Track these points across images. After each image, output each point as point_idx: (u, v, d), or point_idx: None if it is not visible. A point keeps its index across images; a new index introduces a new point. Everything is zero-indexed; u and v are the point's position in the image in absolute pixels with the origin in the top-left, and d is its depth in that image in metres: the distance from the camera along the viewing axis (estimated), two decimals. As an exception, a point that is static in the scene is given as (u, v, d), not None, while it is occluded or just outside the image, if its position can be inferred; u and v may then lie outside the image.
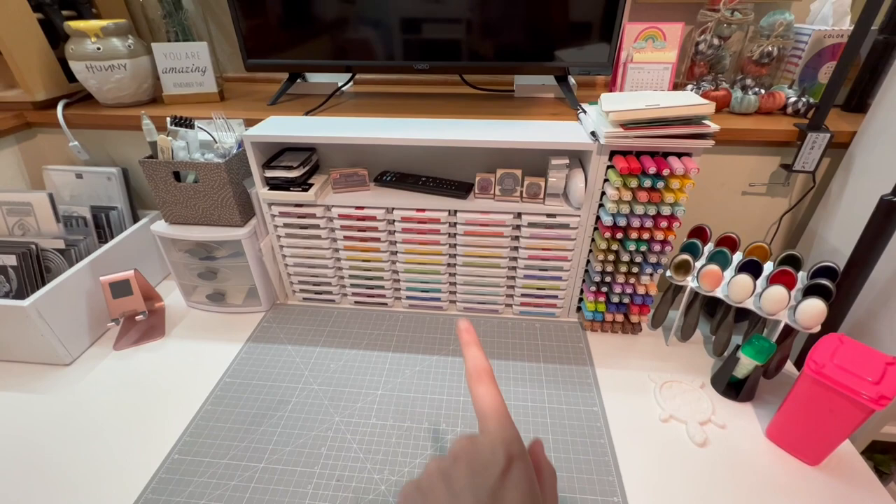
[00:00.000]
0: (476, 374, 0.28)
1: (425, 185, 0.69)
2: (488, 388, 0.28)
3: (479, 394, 0.27)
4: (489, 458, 0.25)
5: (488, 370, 0.29)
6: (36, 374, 0.66)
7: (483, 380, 0.28)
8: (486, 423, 0.26)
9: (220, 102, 0.84)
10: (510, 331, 0.74)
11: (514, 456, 0.25)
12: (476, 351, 0.29)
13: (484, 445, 0.25)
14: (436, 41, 0.77)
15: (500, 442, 0.25)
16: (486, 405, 0.27)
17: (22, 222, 0.73)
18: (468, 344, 0.30)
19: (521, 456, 0.25)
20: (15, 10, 0.72)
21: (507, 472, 0.24)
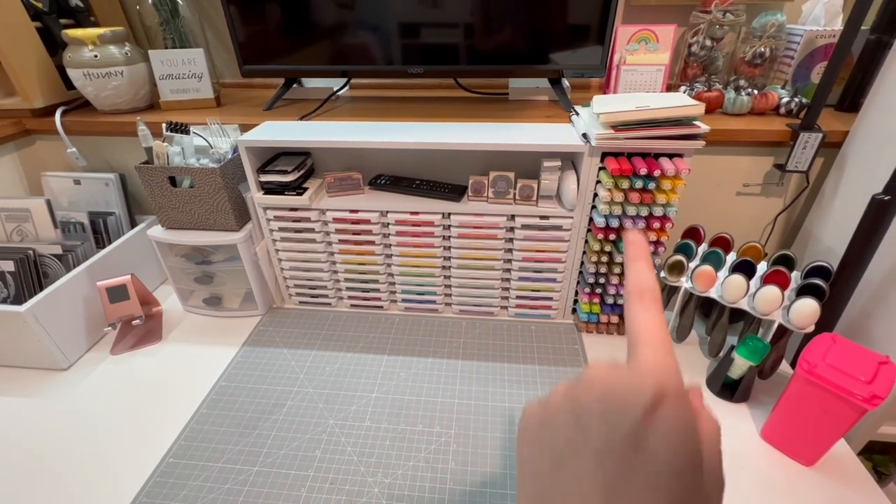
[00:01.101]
0: (637, 292, 0.23)
1: (419, 188, 0.69)
2: (648, 309, 0.22)
3: (634, 315, 0.22)
4: (632, 390, 0.19)
5: (653, 290, 0.23)
6: (33, 379, 0.67)
7: (644, 299, 0.23)
8: (637, 348, 0.21)
9: (217, 108, 0.85)
10: (505, 333, 0.74)
11: (666, 392, 0.19)
12: (643, 266, 0.24)
13: (628, 375, 0.20)
14: (430, 45, 0.77)
15: (651, 373, 0.20)
16: (640, 327, 0.22)
17: (20, 228, 0.74)
18: (635, 259, 0.24)
19: (679, 395, 0.19)
20: (13, 20, 0.73)
21: (655, 412, 0.19)
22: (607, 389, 0.20)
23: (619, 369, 0.20)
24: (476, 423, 0.59)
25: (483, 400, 0.62)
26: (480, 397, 0.62)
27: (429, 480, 0.52)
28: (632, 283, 0.23)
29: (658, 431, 0.18)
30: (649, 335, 0.21)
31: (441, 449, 0.56)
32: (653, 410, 0.19)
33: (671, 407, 0.19)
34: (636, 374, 0.20)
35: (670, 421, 0.19)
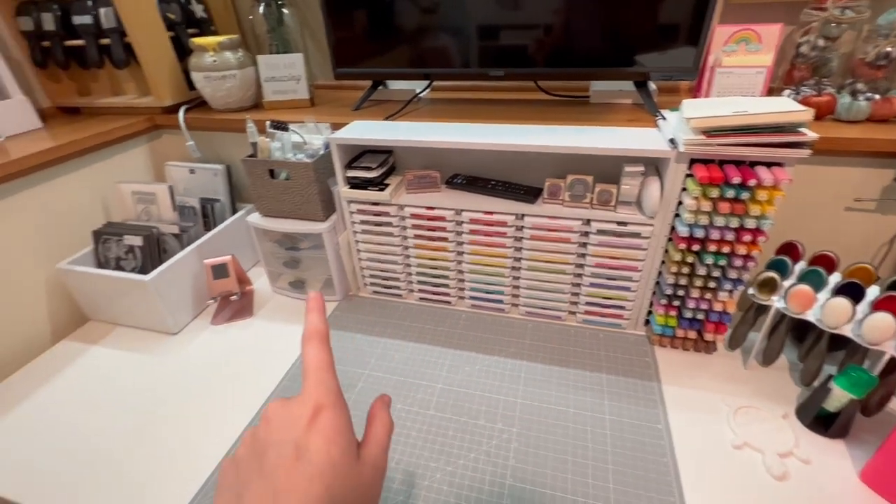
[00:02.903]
0: (307, 335, 0.28)
1: (494, 188, 0.71)
2: (315, 348, 0.27)
3: (305, 352, 0.27)
4: (297, 411, 0.24)
5: (321, 332, 0.28)
6: (150, 339, 0.77)
7: (312, 340, 0.28)
8: (305, 379, 0.26)
9: (311, 108, 0.92)
10: (572, 338, 0.73)
11: (322, 405, 0.25)
12: (316, 315, 0.29)
13: (296, 401, 0.25)
14: (511, 48, 0.78)
15: (311, 394, 0.25)
16: (308, 361, 0.27)
17: (147, 209, 0.86)
18: (311, 310, 0.29)
19: (333, 404, 0.25)
20: (154, 31, 0.85)
21: (314, 422, 0.24)
22: (279, 418, 0.25)
23: (290, 399, 0.26)
24: (539, 426, 0.59)
25: (546, 403, 0.62)
26: (544, 400, 0.62)
27: (489, 474, 0.53)
28: (306, 329, 0.28)
29: (317, 435, 0.23)
30: (314, 365, 0.26)
31: (502, 445, 0.57)
32: (313, 421, 0.24)
33: (327, 415, 0.24)
34: (301, 399, 0.25)
35: (326, 425, 0.24)
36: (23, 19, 0.88)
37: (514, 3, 0.76)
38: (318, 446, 0.23)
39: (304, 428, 0.24)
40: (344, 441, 0.24)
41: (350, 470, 0.24)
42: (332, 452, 0.23)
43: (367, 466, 0.26)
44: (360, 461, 0.25)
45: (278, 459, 0.23)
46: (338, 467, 0.23)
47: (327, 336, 0.28)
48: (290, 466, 0.22)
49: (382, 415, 0.30)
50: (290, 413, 0.25)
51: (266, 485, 0.22)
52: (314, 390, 0.25)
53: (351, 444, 0.25)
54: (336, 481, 0.23)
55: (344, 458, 0.24)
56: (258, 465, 0.23)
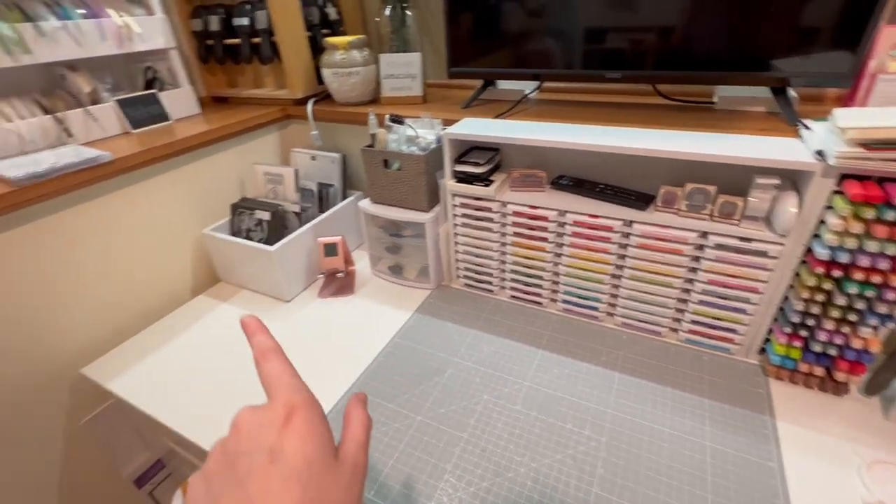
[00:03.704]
0: (261, 355, 0.27)
1: (602, 192, 0.69)
2: (272, 361, 0.27)
3: (265, 370, 0.27)
4: (268, 417, 0.24)
5: (275, 347, 0.28)
6: (269, 304, 0.87)
7: (268, 356, 0.27)
8: (272, 390, 0.25)
9: (423, 104, 0.97)
10: (671, 357, 0.69)
11: (294, 406, 0.24)
12: (262, 336, 0.29)
13: (266, 407, 0.25)
14: (628, 49, 0.76)
15: (281, 398, 0.24)
16: (271, 375, 0.26)
17: (274, 189, 0.97)
18: (254, 333, 0.29)
19: (305, 404, 0.24)
20: (296, 32, 0.96)
21: (287, 423, 0.23)
22: (250, 425, 0.24)
23: (260, 407, 0.25)
24: (630, 440, 0.57)
25: (640, 418, 0.59)
26: (637, 415, 0.60)
27: (574, 478, 0.53)
28: (257, 351, 0.28)
29: (291, 435, 0.23)
30: (278, 375, 0.26)
31: (590, 453, 0.55)
32: (287, 422, 0.23)
33: (300, 415, 0.24)
34: (272, 404, 0.24)
35: (300, 424, 0.23)
36: (194, 21, 1.04)
37: (629, 3, 0.73)
38: (292, 447, 0.23)
39: (277, 431, 0.23)
40: (319, 439, 0.24)
41: (327, 469, 0.23)
42: (307, 451, 0.23)
43: (346, 465, 0.25)
44: (338, 460, 0.25)
45: (251, 466, 0.22)
46: (314, 466, 0.23)
47: (281, 350, 0.28)
48: (264, 472, 0.22)
49: (358, 412, 0.29)
50: (261, 419, 0.24)
51: (239, 494, 0.21)
52: (284, 394, 0.25)
53: (327, 442, 0.24)
54: (313, 481, 0.22)
55: (320, 457, 0.23)
56: (230, 475, 0.22)
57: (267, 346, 0.28)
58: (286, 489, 0.21)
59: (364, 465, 0.26)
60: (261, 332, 0.29)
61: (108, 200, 0.78)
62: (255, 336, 0.29)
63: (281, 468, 0.22)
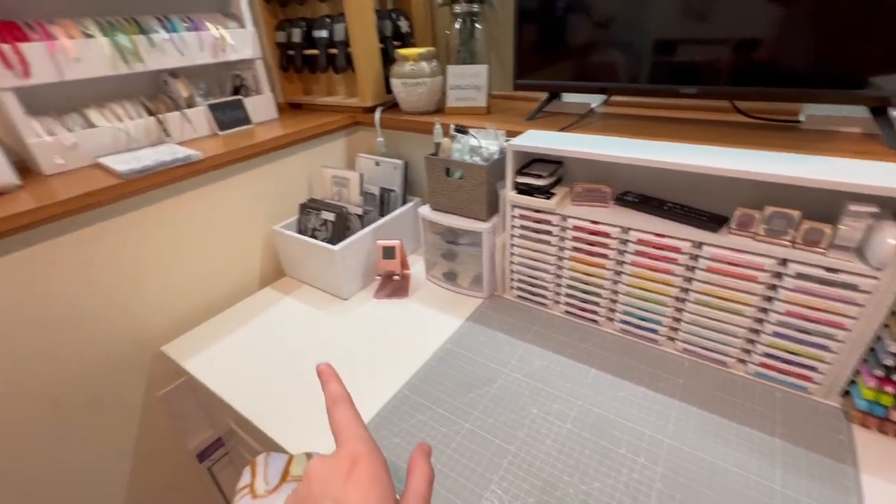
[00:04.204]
0: (332, 401, 0.30)
1: (671, 211, 0.67)
2: (342, 409, 0.29)
3: (334, 417, 0.29)
4: (336, 465, 0.25)
5: (345, 396, 0.30)
6: (328, 301, 0.92)
7: (338, 404, 0.29)
8: (339, 438, 0.27)
9: (486, 115, 0.98)
10: (738, 390, 0.64)
11: (358, 456, 0.26)
12: (335, 384, 0.31)
13: (334, 457, 0.26)
14: (705, 63, 0.72)
15: (347, 447, 0.26)
16: (339, 423, 0.28)
17: (340, 191, 1.01)
18: (328, 380, 0.31)
19: (368, 453, 0.26)
20: (370, 43, 1.01)
21: (351, 473, 0.25)
22: (320, 474, 0.25)
23: (329, 456, 0.26)
24: (689, 473, 0.54)
25: (701, 452, 0.56)
26: (698, 448, 0.57)
27: (626, 506, 0.51)
28: (329, 398, 0.30)
29: (355, 487, 0.24)
30: (345, 423, 0.28)
31: (644, 482, 0.53)
32: (351, 472, 0.25)
33: (364, 464, 0.25)
34: (339, 453, 0.26)
35: (363, 474, 0.25)
36: (279, 33, 1.12)
37: (706, 14, 0.70)
38: (357, 496, 0.24)
39: (342, 481, 0.25)
40: (381, 491, 0.25)
41: None
42: (371, 500, 0.24)
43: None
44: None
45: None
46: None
47: (351, 399, 0.31)
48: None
49: (422, 464, 0.30)
50: (328, 468, 0.26)
51: None
52: (350, 443, 0.27)
53: (389, 491, 0.25)
54: None
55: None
56: None
57: (338, 394, 0.30)
58: None
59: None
60: (334, 381, 0.32)
61: (195, 195, 0.85)
62: (328, 384, 0.31)
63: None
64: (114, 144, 0.84)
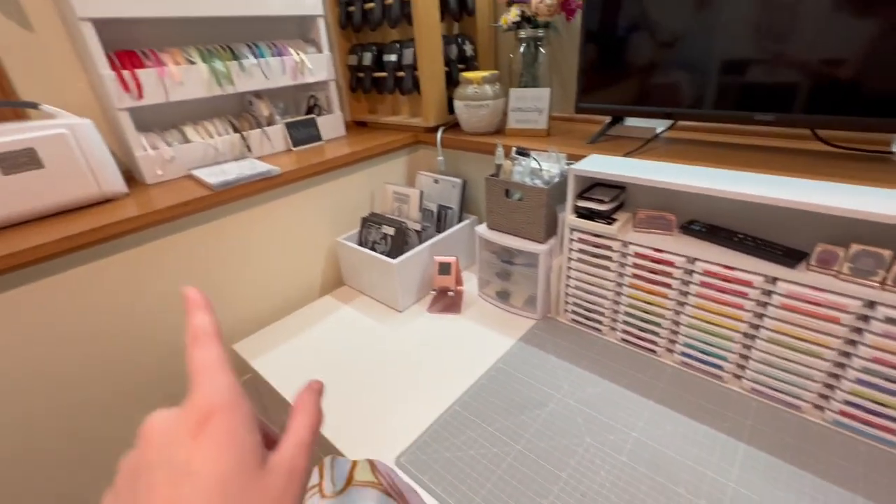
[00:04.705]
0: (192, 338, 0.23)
1: (742, 242, 0.64)
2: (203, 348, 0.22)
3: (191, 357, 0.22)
4: (181, 422, 0.20)
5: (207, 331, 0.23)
6: (384, 312, 0.95)
7: (199, 340, 0.23)
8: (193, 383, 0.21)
9: (546, 137, 0.99)
10: (815, 438, 0.60)
11: (214, 408, 0.20)
12: (202, 314, 0.24)
13: (179, 411, 0.21)
14: (782, 87, 0.69)
15: (199, 398, 0.21)
16: (196, 364, 0.22)
17: (400, 207, 1.06)
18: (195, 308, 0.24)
19: (228, 404, 0.21)
20: (436, 67, 1.05)
21: (202, 430, 0.20)
22: (160, 434, 0.20)
23: (171, 410, 0.21)
24: (756, 522, 0.51)
25: (769, 502, 0.53)
26: (766, 497, 0.53)
27: (685, 550, 0.49)
28: (189, 333, 0.23)
29: (204, 446, 0.19)
30: (203, 367, 0.22)
31: (705, 526, 0.51)
32: (201, 429, 0.20)
33: (219, 419, 0.20)
34: (186, 407, 0.21)
35: (218, 431, 0.20)
36: (351, 56, 1.20)
37: (784, 32, 0.67)
38: (204, 459, 0.19)
39: (188, 441, 0.20)
40: (239, 448, 0.20)
41: (249, 482, 0.20)
42: (221, 466, 0.19)
43: (278, 474, 0.21)
44: (265, 469, 0.21)
45: (152, 484, 0.19)
46: (230, 483, 0.19)
47: (218, 336, 0.24)
48: (166, 492, 0.19)
49: (309, 405, 0.25)
50: (171, 425, 0.21)
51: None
52: (203, 392, 0.21)
53: (250, 451, 0.21)
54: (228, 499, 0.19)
55: (239, 471, 0.20)
56: (131, 495, 0.20)
57: (202, 328, 0.23)
58: None
59: (304, 468, 0.23)
60: (202, 311, 0.24)
61: (269, 206, 0.92)
62: (194, 314, 0.24)
63: (186, 487, 0.19)
64: (203, 158, 0.93)
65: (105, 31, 0.76)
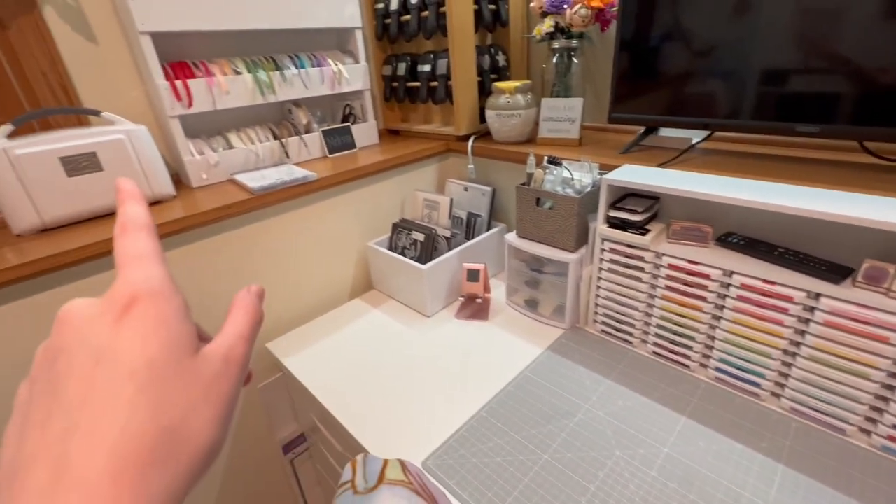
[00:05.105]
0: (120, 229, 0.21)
1: (783, 257, 0.62)
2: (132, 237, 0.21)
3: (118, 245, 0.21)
4: (101, 308, 0.19)
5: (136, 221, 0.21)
6: (412, 316, 0.97)
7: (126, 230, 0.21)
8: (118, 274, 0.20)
9: (578, 147, 0.99)
10: (860, 464, 0.57)
11: (138, 295, 0.19)
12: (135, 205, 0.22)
13: (100, 300, 0.19)
14: (827, 97, 0.67)
15: (122, 285, 0.19)
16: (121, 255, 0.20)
17: (430, 214, 1.07)
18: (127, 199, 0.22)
19: (155, 292, 0.19)
20: (469, 77, 1.07)
21: (124, 316, 0.18)
22: (77, 319, 0.19)
23: (93, 299, 0.20)
24: (795, 547, 0.49)
25: (810, 526, 0.51)
26: (806, 521, 0.51)
27: (719, 571, 0.47)
28: (117, 224, 0.22)
29: (126, 331, 0.18)
30: (130, 257, 0.20)
31: (740, 548, 0.49)
32: (123, 315, 0.18)
33: (142, 306, 0.19)
34: (107, 294, 0.19)
35: (142, 316, 0.18)
36: (385, 67, 1.23)
37: (828, 38, 0.65)
38: (128, 343, 0.18)
39: (110, 324, 0.18)
40: (167, 333, 0.19)
41: (178, 367, 0.19)
42: (148, 348, 0.18)
43: (212, 361, 0.20)
44: (198, 356, 0.20)
45: (70, 367, 0.18)
46: (158, 365, 0.18)
47: (150, 227, 0.22)
48: (84, 374, 0.18)
49: (248, 304, 0.24)
50: (91, 311, 0.19)
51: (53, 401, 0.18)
52: (128, 280, 0.20)
53: (179, 336, 0.20)
54: (155, 381, 0.18)
55: (168, 354, 0.19)
56: (47, 379, 0.18)
57: (133, 218, 0.22)
58: (114, 391, 0.17)
59: (242, 358, 0.22)
60: (133, 200, 0.23)
61: (305, 211, 0.96)
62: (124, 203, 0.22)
63: (109, 370, 0.18)
64: (245, 163, 0.97)
65: (161, 44, 0.81)
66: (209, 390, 0.20)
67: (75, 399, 0.17)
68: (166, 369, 0.18)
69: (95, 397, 0.17)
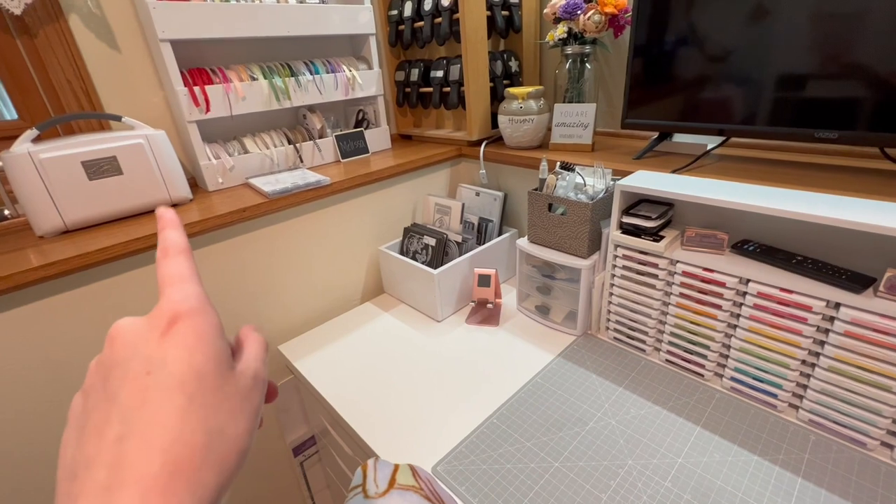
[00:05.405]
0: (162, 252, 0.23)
1: (800, 265, 0.61)
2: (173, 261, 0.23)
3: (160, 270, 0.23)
4: (148, 325, 0.21)
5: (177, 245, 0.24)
6: (423, 321, 0.97)
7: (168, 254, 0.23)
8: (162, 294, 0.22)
9: (590, 153, 0.99)
10: (884, 480, 0.55)
11: (180, 314, 0.21)
12: (174, 232, 0.25)
13: (147, 317, 0.21)
14: (846, 102, 0.66)
15: (166, 305, 0.21)
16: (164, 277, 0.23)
17: (441, 218, 1.08)
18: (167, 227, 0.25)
19: (195, 311, 0.21)
20: (482, 83, 1.07)
21: (169, 332, 0.20)
22: (127, 335, 0.21)
23: (140, 318, 0.22)
24: (814, 564, 0.47)
25: (830, 542, 0.49)
26: (826, 537, 0.50)
27: (735, 586, 0.46)
28: (159, 249, 0.24)
29: (174, 345, 0.20)
30: (171, 278, 0.22)
31: (757, 563, 0.48)
32: (168, 331, 0.20)
33: (185, 323, 0.21)
34: (154, 312, 0.21)
35: (186, 332, 0.20)
36: (398, 73, 1.24)
37: (847, 43, 0.64)
38: (176, 356, 0.20)
39: (157, 340, 0.20)
40: (210, 348, 0.21)
41: (221, 379, 0.21)
42: (195, 361, 0.20)
43: (247, 376, 0.23)
44: (235, 371, 0.22)
45: (124, 378, 0.20)
46: (205, 376, 0.20)
47: (188, 251, 0.25)
48: (138, 383, 0.19)
49: (252, 335, 0.26)
50: (140, 328, 0.21)
51: (109, 408, 0.19)
52: (171, 299, 0.22)
53: (220, 352, 0.22)
54: (203, 392, 0.20)
55: (212, 367, 0.21)
56: (102, 389, 0.20)
57: (173, 243, 0.24)
58: (166, 399, 0.19)
59: (264, 378, 0.24)
60: (173, 228, 0.25)
61: (318, 215, 0.97)
62: (165, 230, 0.25)
63: (161, 378, 0.20)
64: (260, 168, 0.99)
65: (180, 51, 0.83)
66: (244, 402, 0.22)
67: (131, 405, 0.19)
68: (212, 381, 0.20)
69: (149, 404, 0.19)
